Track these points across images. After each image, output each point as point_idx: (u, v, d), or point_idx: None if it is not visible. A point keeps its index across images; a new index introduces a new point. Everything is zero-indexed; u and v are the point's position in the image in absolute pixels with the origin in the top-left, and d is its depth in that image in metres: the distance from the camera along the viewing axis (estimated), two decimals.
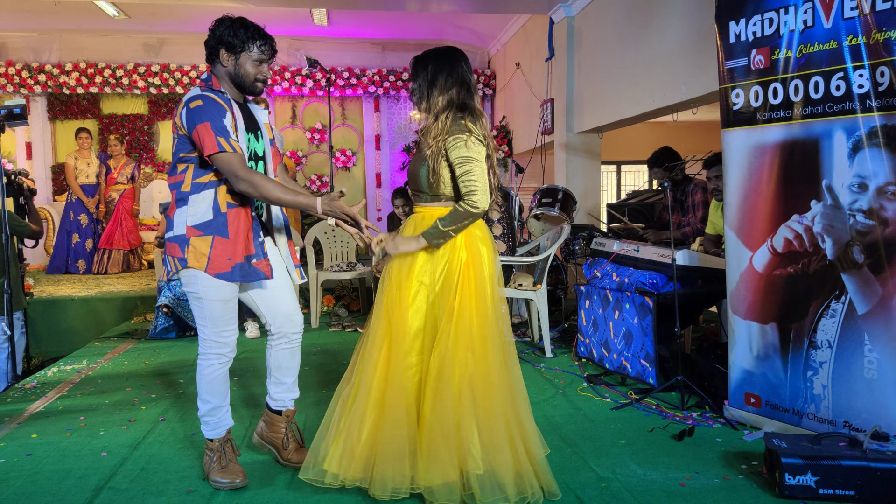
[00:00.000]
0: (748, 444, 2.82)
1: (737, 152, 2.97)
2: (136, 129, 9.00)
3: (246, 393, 3.62)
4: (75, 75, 8.63)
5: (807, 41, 2.67)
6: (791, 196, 2.78)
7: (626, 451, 2.75)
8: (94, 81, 8.68)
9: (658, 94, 5.00)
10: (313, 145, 9.49)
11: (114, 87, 8.76)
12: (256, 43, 2.39)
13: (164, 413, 3.30)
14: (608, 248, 4.01)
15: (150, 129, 9.06)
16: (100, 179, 7.40)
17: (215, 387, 2.49)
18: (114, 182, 7.41)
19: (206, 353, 2.47)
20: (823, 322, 2.68)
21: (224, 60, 2.39)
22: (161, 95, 8.95)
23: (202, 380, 2.49)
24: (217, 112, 2.29)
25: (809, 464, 2.29)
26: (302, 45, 9.14)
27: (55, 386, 3.81)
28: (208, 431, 2.53)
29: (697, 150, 5.09)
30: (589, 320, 4.02)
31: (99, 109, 8.93)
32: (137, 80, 8.74)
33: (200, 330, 2.46)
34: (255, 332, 5.01)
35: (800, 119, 2.72)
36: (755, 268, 2.93)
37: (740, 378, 3.03)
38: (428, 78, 2.40)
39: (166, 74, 8.81)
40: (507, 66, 8.81)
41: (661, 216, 5.20)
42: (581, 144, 6.61)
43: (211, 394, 2.49)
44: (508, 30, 8.52)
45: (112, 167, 7.44)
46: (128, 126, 8.96)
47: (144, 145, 9.05)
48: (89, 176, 7.42)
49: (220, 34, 2.37)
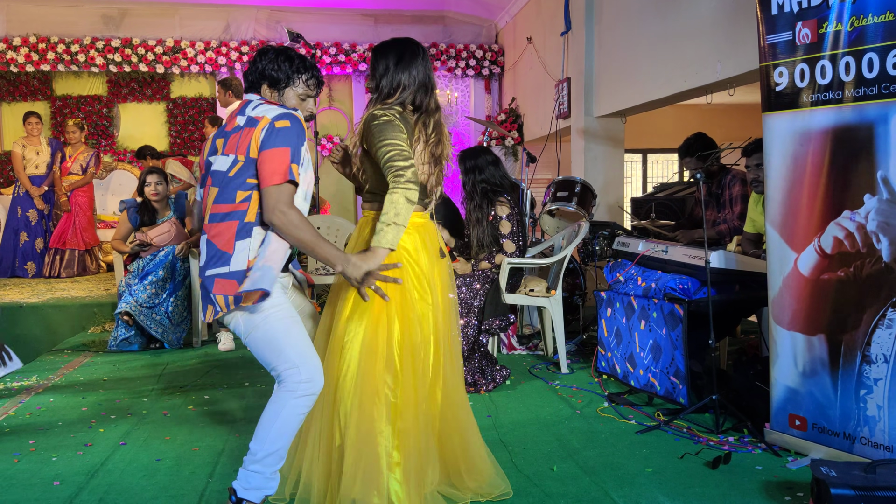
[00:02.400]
0: (792, 472, 2.82)
1: (779, 139, 2.98)
2: (94, 112, 9.02)
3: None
4: (24, 51, 8.65)
5: (859, 12, 2.67)
6: (842, 189, 2.78)
7: (653, 481, 2.75)
8: (46, 58, 8.71)
9: (690, 73, 5.00)
10: None
11: (68, 65, 8.78)
12: (302, 77, 2.45)
13: (126, 436, 3.31)
14: (632, 248, 4.01)
15: (109, 112, 9.09)
16: (53, 168, 7.40)
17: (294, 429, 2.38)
18: (67, 172, 7.41)
19: (302, 395, 2.32)
20: (879, 333, 2.68)
21: (266, 96, 2.44)
22: (122, 74, 8.97)
23: (287, 423, 2.34)
24: (301, 138, 2.33)
25: (862, 495, 2.29)
26: (283, 17, 9.16)
27: (0, 405, 3.82)
28: (253, 492, 2.37)
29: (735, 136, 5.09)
30: (611, 331, 4.02)
31: (51, 90, 8.96)
32: (95, 57, 8.76)
33: (290, 373, 2.31)
34: (230, 344, 5.02)
35: (851, 101, 2.72)
36: (800, 271, 2.93)
37: (783, 397, 3.03)
38: (387, 75, 2.55)
39: (128, 50, 8.83)
40: (518, 40, 8.82)
41: (693, 212, 5.21)
42: (601, 130, 6.62)
43: (288, 435, 2.37)
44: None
45: (68, 155, 7.44)
46: (84, 109, 8.99)
47: (103, 131, 9.06)
48: (38, 166, 7.42)
49: (263, 67, 2.41)
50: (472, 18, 9.61)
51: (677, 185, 6.89)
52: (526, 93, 8.69)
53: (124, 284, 5.14)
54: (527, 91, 8.65)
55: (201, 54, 8.99)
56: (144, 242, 5.20)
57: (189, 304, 5.21)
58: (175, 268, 5.17)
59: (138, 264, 5.20)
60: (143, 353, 4.99)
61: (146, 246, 5.21)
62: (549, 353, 4.71)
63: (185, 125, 9.23)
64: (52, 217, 7.50)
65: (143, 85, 9.12)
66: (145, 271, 5.13)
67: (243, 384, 4.18)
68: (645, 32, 5.61)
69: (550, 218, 5.32)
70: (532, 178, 5.86)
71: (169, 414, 3.63)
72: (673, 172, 12.10)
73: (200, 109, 9.15)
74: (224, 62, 9.04)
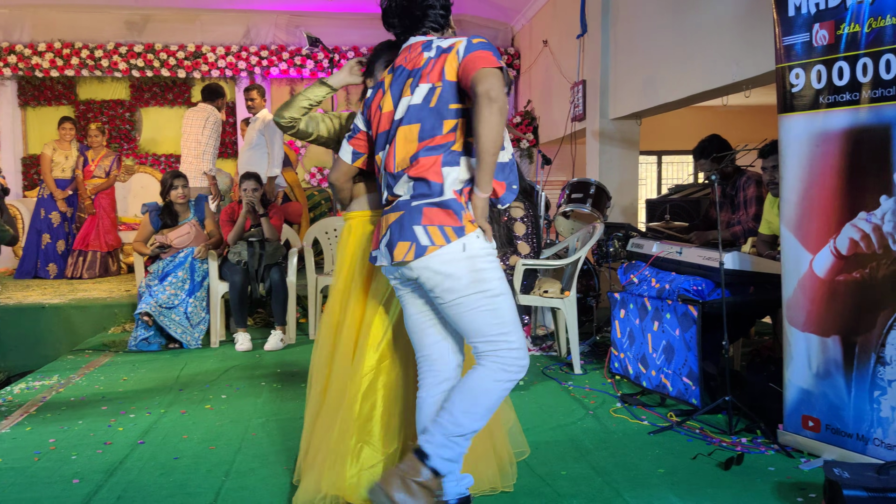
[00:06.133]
0: (805, 473, 2.80)
1: (796, 141, 2.95)
2: (117, 116, 9.11)
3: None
4: (49, 56, 8.74)
5: (877, 13, 2.64)
6: (858, 191, 2.75)
7: (666, 482, 2.74)
8: (70, 63, 8.80)
9: (705, 75, 4.97)
10: None
11: (92, 70, 8.86)
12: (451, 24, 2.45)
13: (144, 435, 3.33)
14: (646, 249, 3.99)
15: (131, 116, 9.17)
16: (76, 172, 7.49)
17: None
18: (90, 175, 7.49)
19: (510, 366, 2.17)
20: (893, 335, 2.65)
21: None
22: (144, 79, 9.05)
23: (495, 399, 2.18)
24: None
25: (875, 497, 2.27)
26: (302, 22, 9.20)
27: (22, 405, 3.87)
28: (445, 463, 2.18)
29: (750, 138, 5.06)
30: (624, 332, 4.00)
31: (75, 94, 9.06)
32: (118, 62, 8.85)
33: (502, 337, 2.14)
34: (247, 345, 5.05)
35: (868, 103, 2.69)
36: (816, 273, 2.90)
37: (797, 399, 3.00)
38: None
39: (150, 55, 8.90)
40: (534, 43, 8.81)
41: (707, 214, 5.17)
42: (617, 132, 6.59)
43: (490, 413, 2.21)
44: (535, 3, 8.52)
45: (90, 159, 7.53)
46: (107, 113, 9.08)
47: (125, 134, 9.16)
48: (65, 170, 7.52)
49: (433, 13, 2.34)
50: (488, 22, 9.60)
51: (692, 187, 6.86)
52: (541, 95, 8.68)
53: (144, 285, 5.19)
54: (542, 93, 8.63)
55: (222, 59, 9.05)
56: (164, 244, 5.25)
57: (207, 304, 5.24)
58: (194, 269, 5.21)
59: (158, 266, 5.25)
60: (162, 352, 5.03)
61: (166, 248, 5.25)
62: (563, 353, 4.69)
63: None
64: (74, 219, 7.59)
65: (164, 89, 9.19)
66: (165, 272, 5.18)
67: (260, 384, 4.20)
68: (660, 35, 5.58)
69: (565, 219, 5.30)
70: (547, 180, 5.86)
71: (187, 413, 3.65)
72: (688, 174, 12.03)
73: None
74: (244, 66, 9.09)
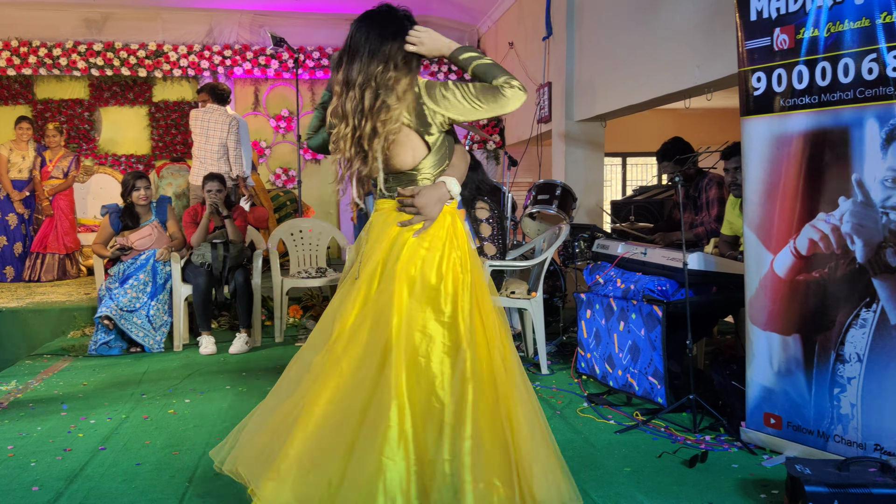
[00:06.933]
0: (768, 470, 2.84)
1: (757, 143, 3.00)
2: (75, 115, 8.93)
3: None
4: (6, 55, 8.54)
5: (836, 18, 2.69)
6: (817, 192, 2.80)
7: (632, 480, 2.76)
8: (28, 62, 8.60)
9: (668, 78, 5.03)
10: (279, 134, 9.46)
11: (50, 69, 8.68)
12: None
13: (106, 441, 3.26)
14: (612, 250, 4.02)
15: (90, 115, 9.00)
16: (33, 173, 7.32)
17: None
18: (48, 176, 7.34)
19: None
20: (852, 333, 2.70)
21: None
22: (104, 78, 8.88)
23: None
24: None
25: (836, 493, 2.31)
26: (266, 21, 9.11)
27: None
28: None
29: (712, 140, 5.12)
30: (590, 332, 4.03)
31: (32, 93, 8.86)
32: (77, 61, 8.67)
33: None
34: (212, 348, 4.98)
35: (828, 106, 2.74)
36: (776, 272, 2.95)
37: (759, 396, 3.05)
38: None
39: (110, 54, 8.75)
40: (500, 45, 8.84)
41: (671, 215, 5.23)
42: (582, 134, 6.64)
43: None
44: (501, 5, 8.55)
45: (48, 159, 7.37)
46: (65, 112, 8.89)
47: (84, 135, 8.98)
48: (22, 170, 7.33)
49: None
50: (454, 24, 9.61)
51: (656, 189, 6.94)
52: None
53: (105, 288, 5.09)
54: None
55: (184, 58, 8.92)
56: (125, 247, 5.15)
57: (170, 307, 5.16)
58: (156, 271, 5.12)
59: (119, 268, 5.14)
60: (123, 357, 4.93)
61: (127, 250, 5.15)
62: (530, 354, 4.70)
63: (168, 129, 9.15)
64: (32, 221, 7.42)
65: (124, 88, 9.04)
66: (126, 275, 5.08)
67: (224, 388, 4.14)
68: (625, 38, 5.64)
69: (531, 221, 5.32)
70: (513, 182, 5.87)
71: (149, 418, 3.58)
72: (652, 176, 12.17)
73: (183, 113, 9.06)
74: (207, 66, 8.98)
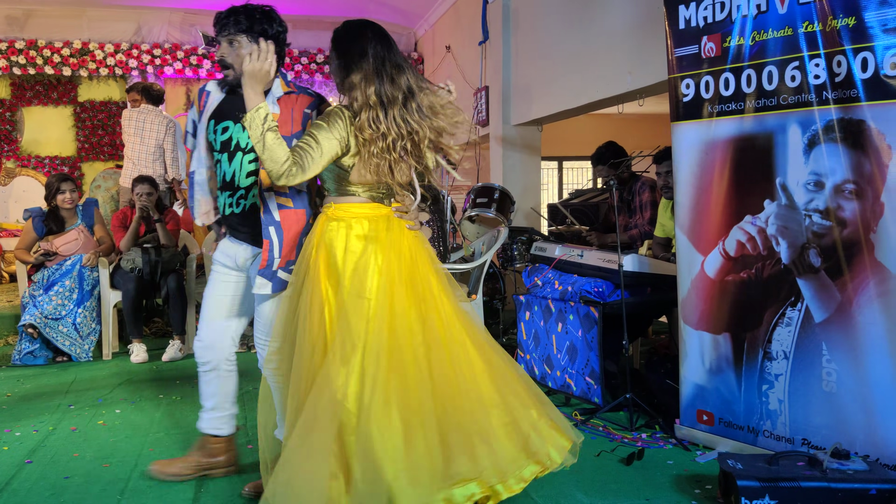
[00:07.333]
0: (701, 466, 2.91)
1: (687, 148, 3.08)
2: None
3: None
4: None
5: (760, 27, 2.79)
6: (743, 195, 2.89)
7: (571, 479, 2.79)
8: None
9: (602, 84, 5.12)
10: None
11: None
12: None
13: (32, 454, 3.13)
14: (549, 252, 4.07)
15: (12, 116, 8.62)
16: None
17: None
18: None
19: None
20: (779, 331, 2.80)
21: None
22: (26, 77, 8.52)
23: None
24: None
25: (767, 486, 2.38)
26: (197, 20, 8.90)
27: None
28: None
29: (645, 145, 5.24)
30: (529, 334, 4.06)
31: None
32: None
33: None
34: (143, 356, 4.83)
35: (753, 112, 2.84)
36: (707, 273, 3.03)
37: (692, 394, 3.13)
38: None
39: (33, 52, 8.40)
40: (437, 49, 8.84)
41: (606, 217, 5.32)
42: (519, 138, 6.70)
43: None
44: (437, 8, 8.56)
45: None
46: None
47: (6, 135, 8.59)
48: None
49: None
50: (391, 27, 9.52)
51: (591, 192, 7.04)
52: None
53: (28, 295, 4.88)
54: None
55: (111, 56, 8.63)
56: (50, 252, 4.95)
57: (98, 315, 4.98)
58: (83, 277, 4.94)
59: (43, 274, 4.94)
60: (49, 366, 4.74)
61: (52, 255, 4.95)
62: None
63: (94, 129, 8.83)
64: None
65: (48, 88, 8.68)
66: (51, 281, 4.88)
67: (157, 396, 4.02)
68: (559, 43, 5.72)
69: (471, 224, 5.33)
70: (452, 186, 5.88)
71: (78, 429, 3.45)
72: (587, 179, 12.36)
73: (110, 113, 8.76)
74: (135, 65, 8.71)
